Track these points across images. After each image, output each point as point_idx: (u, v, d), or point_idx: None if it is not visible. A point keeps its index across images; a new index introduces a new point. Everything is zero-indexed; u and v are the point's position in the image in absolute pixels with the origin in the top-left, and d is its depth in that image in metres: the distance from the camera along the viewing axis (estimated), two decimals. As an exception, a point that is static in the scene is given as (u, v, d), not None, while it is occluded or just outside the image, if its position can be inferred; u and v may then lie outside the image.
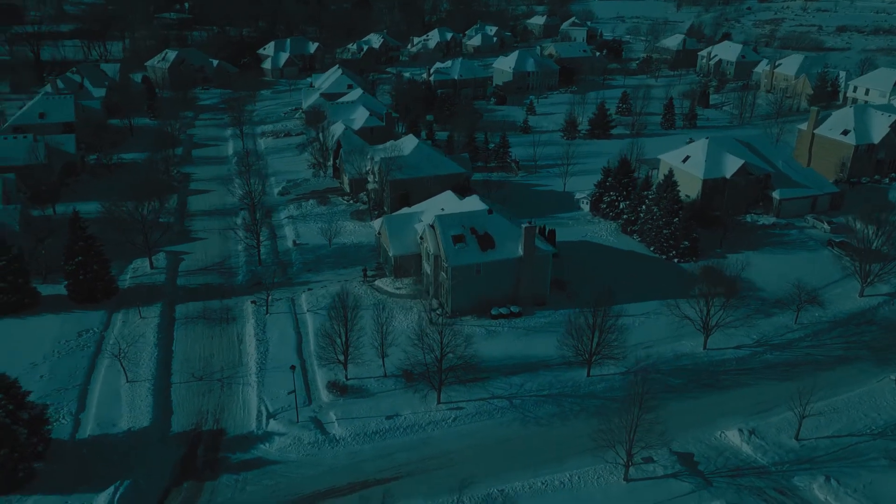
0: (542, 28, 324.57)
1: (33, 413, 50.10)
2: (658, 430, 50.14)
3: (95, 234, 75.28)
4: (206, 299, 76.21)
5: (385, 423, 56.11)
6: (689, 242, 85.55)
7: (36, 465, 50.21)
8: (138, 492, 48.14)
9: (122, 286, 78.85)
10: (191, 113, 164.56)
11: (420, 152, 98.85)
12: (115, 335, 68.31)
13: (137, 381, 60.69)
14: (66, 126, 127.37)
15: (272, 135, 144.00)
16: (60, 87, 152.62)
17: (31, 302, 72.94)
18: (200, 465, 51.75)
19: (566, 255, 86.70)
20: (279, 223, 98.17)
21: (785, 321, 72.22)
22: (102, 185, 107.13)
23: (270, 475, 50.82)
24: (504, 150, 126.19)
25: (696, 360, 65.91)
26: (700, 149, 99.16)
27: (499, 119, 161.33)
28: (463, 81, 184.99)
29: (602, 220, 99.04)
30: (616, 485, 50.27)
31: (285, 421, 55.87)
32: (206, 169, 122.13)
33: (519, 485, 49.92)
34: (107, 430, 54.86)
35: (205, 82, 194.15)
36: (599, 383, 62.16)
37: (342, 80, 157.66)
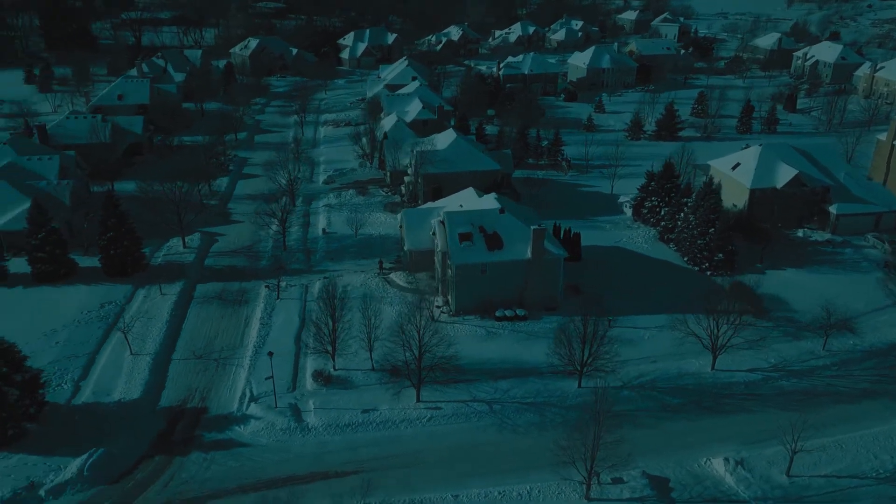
0: (633, 24, 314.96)
1: (27, 376, 53.46)
2: (624, 451, 47.69)
3: (136, 212, 79.51)
4: (226, 281, 78.79)
5: (360, 416, 56.29)
6: (724, 255, 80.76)
7: (28, 426, 53.61)
8: (110, 460, 50.45)
9: (154, 263, 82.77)
10: (263, 99, 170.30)
11: (456, 147, 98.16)
12: (134, 309, 71.90)
13: (140, 355, 63.60)
14: (140, 108, 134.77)
15: (333, 124, 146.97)
16: (145, 71, 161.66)
17: (67, 272, 77.70)
18: (176, 441, 53.68)
19: (593, 261, 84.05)
20: (315, 211, 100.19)
21: (812, 347, 66.98)
22: (165, 165, 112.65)
23: (237, 457, 52.09)
24: (557, 148, 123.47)
25: (701, 380, 62.22)
26: (751, 156, 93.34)
27: (562, 116, 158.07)
28: (533, 76, 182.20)
29: (642, 226, 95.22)
30: (576, 503, 48.32)
31: (264, 405, 57.06)
32: (263, 154, 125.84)
33: (475, 492, 48.87)
34: (100, 398, 57.84)
35: (283, 70, 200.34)
36: (589, 396, 59.59)
37: (407, 71, 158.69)
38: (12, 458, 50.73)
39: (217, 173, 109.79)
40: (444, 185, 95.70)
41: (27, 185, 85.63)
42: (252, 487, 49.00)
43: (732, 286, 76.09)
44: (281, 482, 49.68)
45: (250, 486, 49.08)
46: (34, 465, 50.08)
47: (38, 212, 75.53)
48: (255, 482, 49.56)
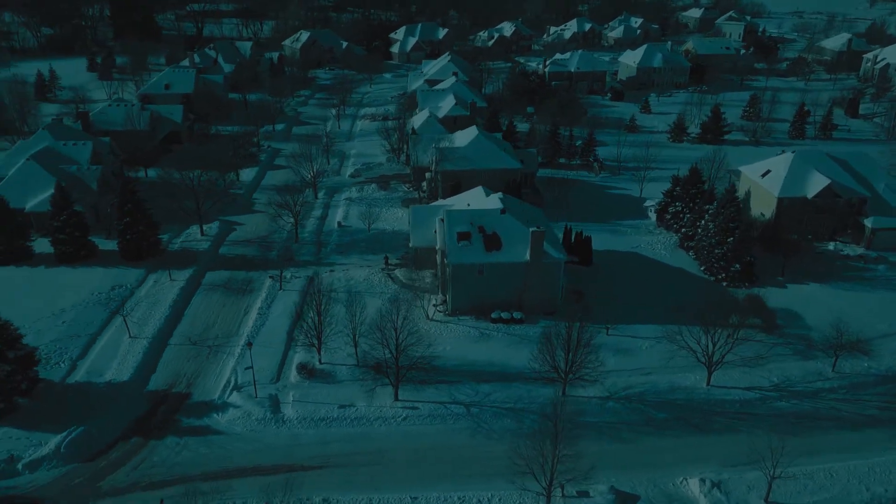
0: (697, 22, 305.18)
1: (20, 353, 55.75)
2: (585, 465, 46.22)
3: (160, 199, 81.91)
4: (235, 269, 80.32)
5: (336, 411, 56.45)
6: (742, 266, 77.30)
7: (21, 401, 55.97)
8: (88, 439, 52.16)
9: (171, 249, 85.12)
10: (308, 91, 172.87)
11: (477, 144, 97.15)
12: (142, 293, 74.17)
13: (138, 338, 65.51)
14: (184, 97, 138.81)
15: (370, 118, 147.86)
16: (196, 62, 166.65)
17: (87, 254, 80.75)
18: (155, 424, 55.06)
19: (605, 266, 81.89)
20: (336, 203, 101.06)
21: (821, 367, 63.33)
22: (201, 153, 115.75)
23: (209, 444, 53.04)
24: (590, 148, 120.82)
25: (693, 395, 59.70)
26: (783, 163, 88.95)
27: (605, 116, 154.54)
28: (580, 74, 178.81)
29: (665, 232, 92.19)
30: (536, 511, 47.20)
31: (245, 395, 57.88)
32: (304, 146, 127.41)
33: (434, 495, 48.32)
34: (92, 378, 59.86)
35: (332, 63, 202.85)
36: (571, 405, 58.08)
37: (448, 67, 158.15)
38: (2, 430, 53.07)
39: (245, 163, 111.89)
40: (463, 182, 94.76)
41: (59, 169, 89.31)
42: (216, 475, 49.70)
43: (745, 299, 72.77)
44: (247, 472, 50.30)
45: (214, 474, 49.81)
46: (18, 439, 52.25)
47: (61, 195, 78.66)
48: (221, 470, 50.31)
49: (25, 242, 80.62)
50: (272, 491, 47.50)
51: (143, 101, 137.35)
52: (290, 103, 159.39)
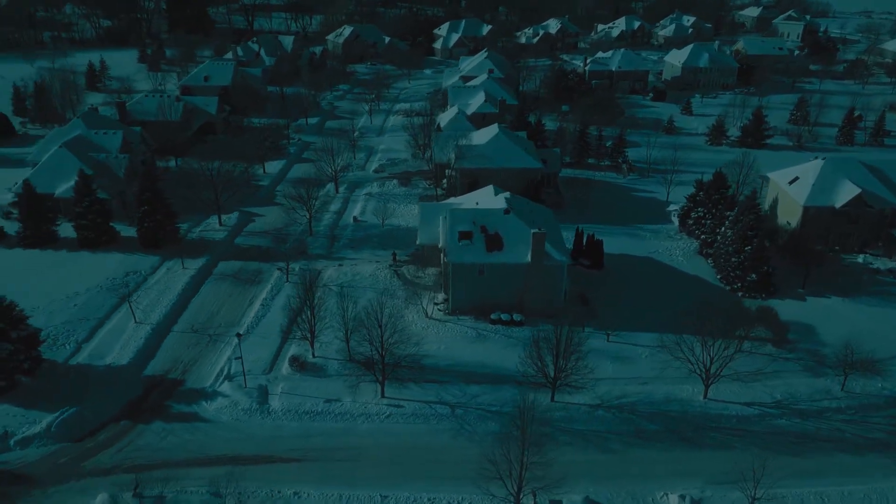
0: (754, 21, 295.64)
1: (24, 334, 57.83)
2: (557, 474, 45.26)
3: (182, 189, 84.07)
4: (247, 260, 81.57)
5: (321, 405, 56.75)
6: (759, 276, 74.46)
7: (23, 379, 58.09)
8: (79, 420, 53.75)
9: (190, 237, 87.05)
10: (346, 86, 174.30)
11: (497, 142, 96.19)
12: (154, 280, 76.07)
13: (143, 324, 67.21)
14: (222, 89, 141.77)
15: (403, 113, 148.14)
16: (239, 55, 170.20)
17: (108, 240, 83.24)
18: (146, 409, 56.37)
19: (617, 270, 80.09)
20: (356, 198, 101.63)
21: (830, 386, 60.51)
22: (234, 144, 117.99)
23: (193, 430, 54.01)
24: (620, 149, 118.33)
25: (689, 408, 57.80)
26: (811, 170, 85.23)
27: (643, 116, 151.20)
28: (621, 73, 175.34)
29: (686, 238, 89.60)
30: (505, 521, 46.42)
31: (236, 384, 58.73)
32: (328, 140, 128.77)
33: (405, 495, 48.14)
34: (94, 361, 61.65)
35: (374, 58, 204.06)
36: (560, 411, 57.19)
37: (485, 63, 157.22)
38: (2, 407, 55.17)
39: (272, 155, 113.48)
40: (481, 180, 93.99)
41: (89, 157, 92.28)
42: (196, 462, 50.61)
43: (757, 310, 70.08)
44: (225, 461, 50.93)
45: (195, 461, 50.71)
46: (14, 417, 54.22)
47: (84, 182, 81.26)
48: (202, 458, 51.16)
49: (51, 227, 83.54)
50: (244, 481, 48.23)
51: (183, 93, 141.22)
52: (327, 97, 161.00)
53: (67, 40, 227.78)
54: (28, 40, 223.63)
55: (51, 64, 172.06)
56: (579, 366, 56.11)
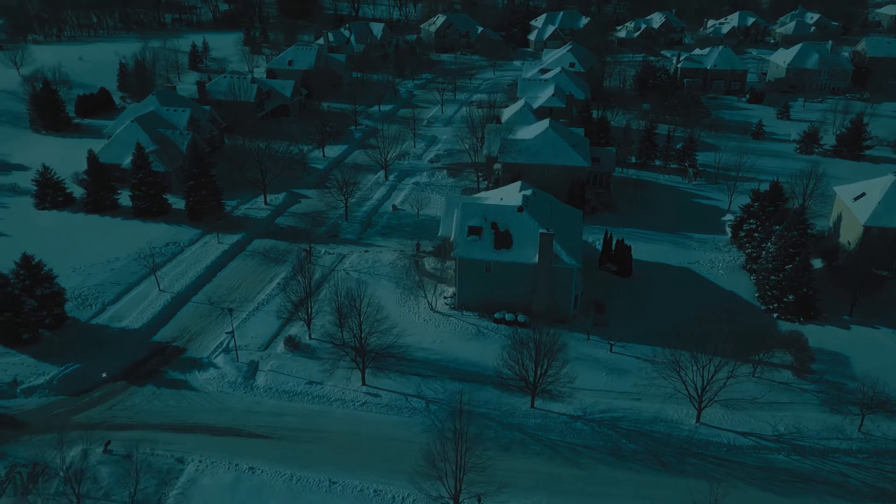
0: (892, 20, 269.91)
1: (48, 292, 62.74)
2: (496, 480, 44.03)
3: (239, 167, 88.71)
4: (280, 239, 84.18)
5: (302, 386, 57.96)
6: (797, 297, 68.62)
7: (45, 334, 63.14)
8: (80, 376, 57.80)
9: (235, 214, 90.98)
10: (430, 75, 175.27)
11: (544, 138, 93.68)
12: (190, 252, 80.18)
13: (165, 293, 71.08)
14: (304, 73, 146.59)
15: (478, 104, 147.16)
16: (331, 41, 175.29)
17: (159, 211, 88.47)
18: (143, 372, 59.73)
19: (647, 279, 76.35)
20: (403, 187, 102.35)
21: (846, 425, 54.98)
22: (304, 126, 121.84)
23: (178, 398, 56.69)
24: (689, 152, 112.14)
25: (676, 431, 54.40)
26: (880, 186, 77.16)
27: (731, 119, 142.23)
28: (716, 73, 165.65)
29: (735, 251, 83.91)
30: (445, 522, 45.69)
31: (230, 358, 61.02)
32: (396, 128, 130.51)
33: (354, 483, 48.43)
34: (112, 322, 66.01)
35: (465, 48, 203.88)
36: (537, 419, 55.39)
37: (566, 57, 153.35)
38: (18, 357, 60.20)
39: (335, 140, 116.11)
40: (524, 175, 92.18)
41: (156, 132, 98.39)
42: (172, 427, 53.16)
43: (786, 333, 64.60)
44: (198, 429, 53.23)
45: (171, 426, 53.29)
46: (28, 367, 59.02)
47: (140, 156, 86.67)
48: (178, 424, 53.67)
49: (112, 195, 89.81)
50: (209, 451, 50.26)
51: (268, 76, 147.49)
52: (408, 86, 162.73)
53: (185, 22, 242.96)
54: (151, 21, 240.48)
55: (162, 44, 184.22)
56: (560, 373, 54.09)
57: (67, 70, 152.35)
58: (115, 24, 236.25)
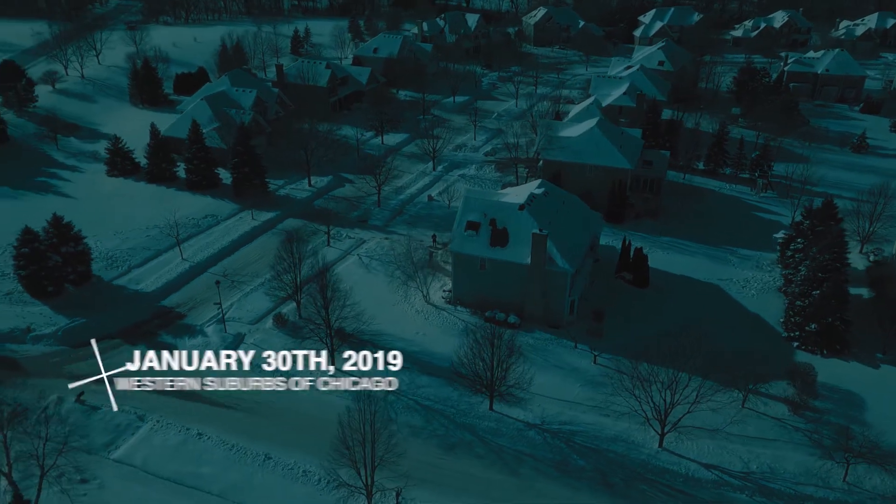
0: None
1: (74, 250, 68.38)
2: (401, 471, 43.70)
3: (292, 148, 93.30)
4: (311, 221, 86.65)
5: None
6: (822, 327, 62.29)
7: (70, 288, 68.96)
8: (83, 330, 62.50)
9: (279, 193, 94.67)
10: (518, 68, 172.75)
11: (589, 137, 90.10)
12: (223, 225, 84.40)
13: (185, 262, 75.38)
14: (386, 62, 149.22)
15: (554, 99, 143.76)
16: (425, 30, 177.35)
17: (209, 184, 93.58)
18: (139, 333, 63.78)
19: (665, 292, 72.17)
20: (447, 178, 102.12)
21: (832, 472, 49.63)
22: (373, 113, 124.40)
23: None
24: (763, 161, 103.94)
25: (634, 453, 51.34)
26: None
27: (835, 129, 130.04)
28: (828, 78, 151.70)
29: (777, 270, 77.29)
30: None
31: (219, 328, 63.90)
32: (464, 119, 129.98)
33: (288, 461, 49.92)
34: (130, 284, 71.00)
35: (564, 42, 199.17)
36: (491, 422, 54.05)
37: (656, 55, 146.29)
38: (39, 307, 66.23)
39: (397, 128, 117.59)
40: (564, 172, 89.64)
41: (221, 110, 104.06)
42: (146, 387, 56.55)
43: (793, 368, 58.77)
44: (166, 392, 56.10)
45: (145, 386, 56.70)
46: (44, 317, 64.81)
47: (194, 132, 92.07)
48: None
49: (171, 167, 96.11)
50: (168, 413, 53.18)
51: (353, 62, 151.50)
52: (491, 78, 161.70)
53: (302, 9, 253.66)
54: (272, 7, 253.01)
55: (272, 28, 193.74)
56: (520, 377, 52.49)
57: (181, 50, 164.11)
58: (239, 8, 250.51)
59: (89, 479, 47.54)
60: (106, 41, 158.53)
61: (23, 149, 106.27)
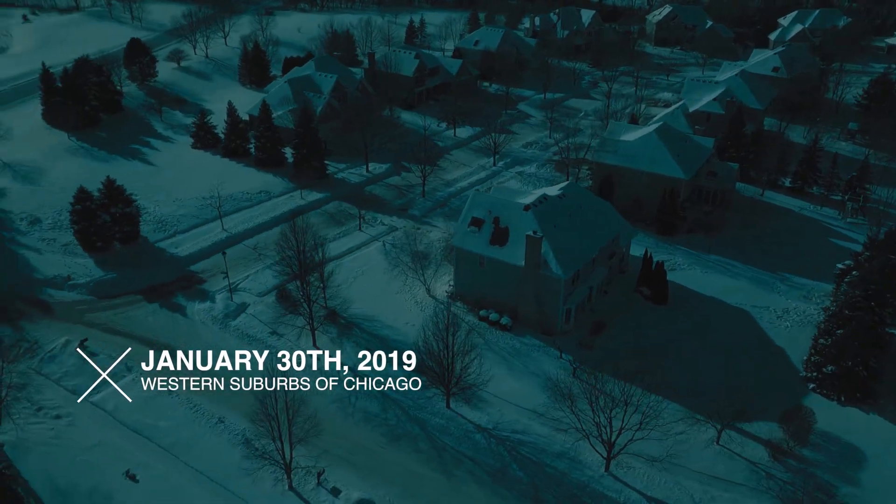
0: None
1: (122, 211, 75.15)
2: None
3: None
4: (355, 205, 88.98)
5: (265, 335, 63.02)
6: (840, 371, 55.69)
7: (117, 245, 75.95)
8: (112, 284, 69.14)
9: (338, 176, 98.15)
10: (627, 67, 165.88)
11: (646, 142, 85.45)
12: (272, 202, 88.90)
13: (225, 232, 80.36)
14: (483, 54, 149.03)
15: (654, 102, 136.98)
16: (536, 25, 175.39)
17: (274, 162, 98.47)
18: (161, 292, 69.07)
19: (687, 311, 67.61)
20: (505, 175, 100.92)
21: (793, 528, 44.57)
22: (454, 105, 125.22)
23: (169, 319, 65.19)
24: (859, 183, 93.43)
25: (576, 473, 49.11)
26: None
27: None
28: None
29: (826, 300, 69.71)
30: (279, 485, 47.25)
31: (227, 297, 67.74)
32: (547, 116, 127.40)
33: (238, 427, 52.03)
34: (170, 247, 76.87)
35: (686, 42, 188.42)
36: (443, 419, 53.65)
37: (772, 60, 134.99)
38: (85, 259, 73.57)
39: (470, 122, 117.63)
40: (615, 177, 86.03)
41: (301, 93, 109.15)
42: (144, 341, 61.37)
43: (786, 412, 52.94)
44: (160, 347, 60.09)
45: (144, 339, 61.65)
46: (87, 269, 71.91)
47: (265, 111, 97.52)
48: (151, 339, 61.65)
49: (245, 144, 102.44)
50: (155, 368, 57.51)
51: (454, 55, 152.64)
52: (593, 76, 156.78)
53: (429, 1, 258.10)
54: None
55: (394, 18, 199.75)
56: (477, 378, 51.75)
57: (302, 35, 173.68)
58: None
59: (63, 416, 52.52)
60: (234, 24, 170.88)
61: (132, 118, 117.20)
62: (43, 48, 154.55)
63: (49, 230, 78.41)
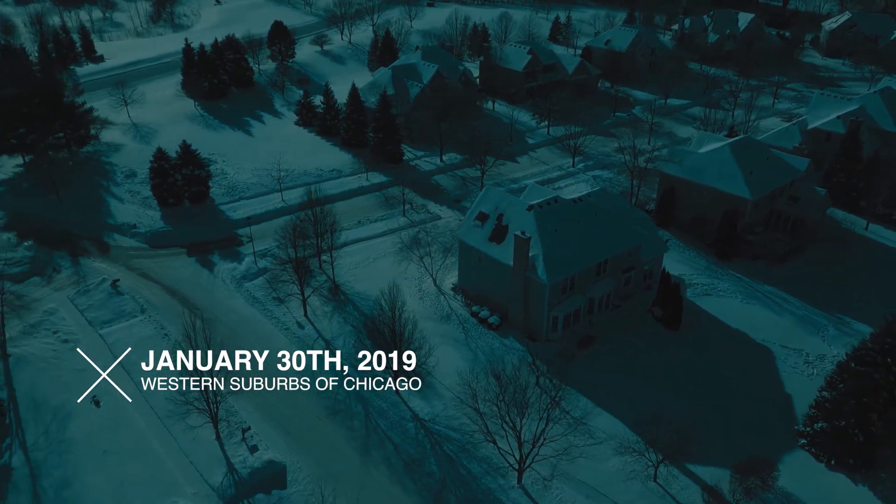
0: None
1: (193, 174, 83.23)
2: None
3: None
4: (413, 191, 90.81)
5: (269, 299, 67.00)
6: (831, 430, 48.59)
7: (186, 203, 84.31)
8: (165, 237, 77.40)
9: (412, 163, 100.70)
10: (780, 77, 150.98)
11: (715, 156, 78.42)
12: (339, 180, 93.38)
13: (283, 202, 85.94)
14: (615, 55, 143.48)
15: (786, 117, 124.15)
16: (685, 27, 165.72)
17: (359, 143, 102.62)
18: (204, 249, 75.75)
19: (702, 340, 62.50)
20: (580, 178, 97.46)
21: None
22: (563, 103, 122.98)
23: (197, 273, 71.60)
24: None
25: (488, 480, 47.68)
26: None
27: None
28: None
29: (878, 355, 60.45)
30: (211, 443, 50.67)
31: (251, 260, 72.81)
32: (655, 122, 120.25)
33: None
34: (229, 210, 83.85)
35: (864, 54, 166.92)
36: (386, 402, 54.49)
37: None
38: (156, 212, 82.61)
39: (556, 119, 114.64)
40: (679, 190, 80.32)
41: (401, 81, 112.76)
42: (168, 289, 68.44)
43: (746, 461, 46.98)
44: (178, 297, 66.80)
45: (168, 288, 68.64)
46: (152, 221, 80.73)
47: (353, 97, 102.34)
48: (173, 288, 68.44)
49: (338, 125, 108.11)
50: (166, 315, 63.83)
51: (583, 54, 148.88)
52: (737, 84, 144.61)
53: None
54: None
55: (545, 14, 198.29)
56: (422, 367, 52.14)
57: (449, 26, 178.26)
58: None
59: (70, 341, 60.09)
60: (384, 13, 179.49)
61: (258, 93, 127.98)
62: (219, 27, 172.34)
63: (138, 184, 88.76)
